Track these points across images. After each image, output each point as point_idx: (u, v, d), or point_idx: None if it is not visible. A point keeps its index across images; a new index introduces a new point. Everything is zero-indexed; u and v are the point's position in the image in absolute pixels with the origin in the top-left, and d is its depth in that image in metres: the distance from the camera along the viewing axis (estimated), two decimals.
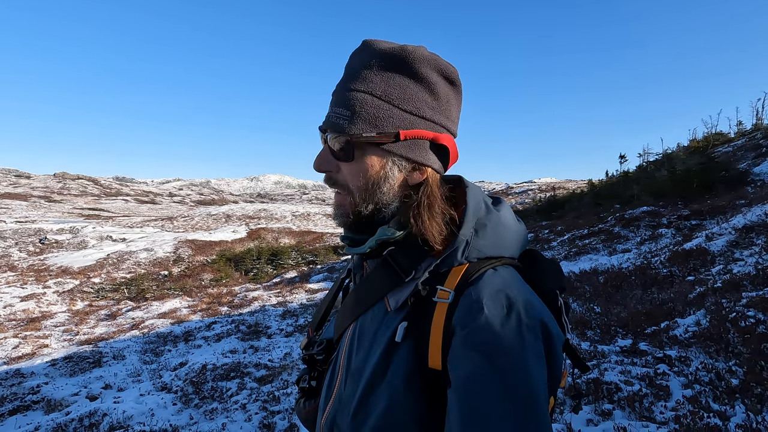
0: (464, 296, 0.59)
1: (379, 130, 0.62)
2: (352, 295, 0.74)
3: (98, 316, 10.47)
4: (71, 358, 6.31)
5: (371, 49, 0.65)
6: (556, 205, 16.95)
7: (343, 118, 0.62)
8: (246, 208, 39.67)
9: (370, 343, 0.65)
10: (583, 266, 7.34)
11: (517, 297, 0.58)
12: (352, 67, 0.65)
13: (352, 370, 0.67)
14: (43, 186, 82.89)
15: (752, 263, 4.90)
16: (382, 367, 0.62)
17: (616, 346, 4.15)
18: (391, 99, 0.62)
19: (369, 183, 0.65)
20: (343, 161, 0.65)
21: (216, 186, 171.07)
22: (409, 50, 0.63)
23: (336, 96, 0.65)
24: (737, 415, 2.75)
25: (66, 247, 21.22)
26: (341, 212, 0.69)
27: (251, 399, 4.47)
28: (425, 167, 0.66)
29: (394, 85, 0.62)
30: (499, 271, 0.62)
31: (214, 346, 6.79)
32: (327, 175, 0.68)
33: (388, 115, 0.62)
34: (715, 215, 7.49)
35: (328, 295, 0.92)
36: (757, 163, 9.98)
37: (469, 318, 0.57)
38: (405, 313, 0.63)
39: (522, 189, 39.76)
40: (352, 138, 0.62)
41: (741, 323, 3.67)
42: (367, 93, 0.62)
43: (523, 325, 0.55)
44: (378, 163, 0.64)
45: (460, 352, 0.56)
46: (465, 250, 0.63)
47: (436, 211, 0.65)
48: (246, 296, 11.14)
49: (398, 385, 0.60)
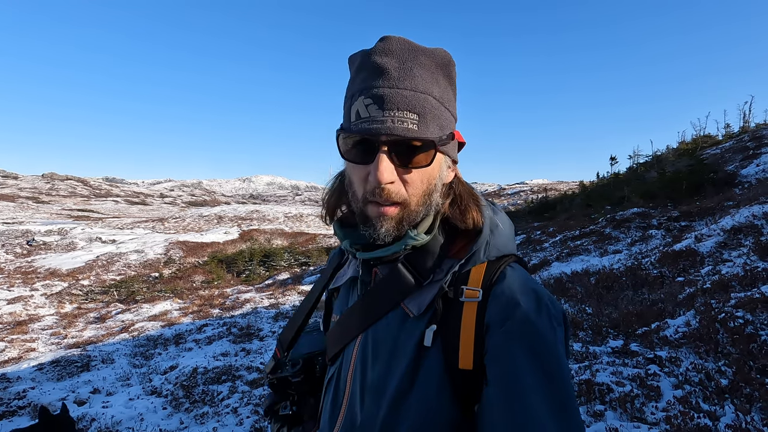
0: (494, 294, 0.60)
1: (445, 131, 0.62)
2: (359, 303, 0.70)
3: (87, 319, 10.32)
4: (59, 362, 6.21)
5: (416, 48, 0.61)
6: (547, 207, 17.05)
7: (411, 121, 0.58)
8: (238, 209, 39.42)
9: (390, 353, 0.63)
10: (575, 267, 7.39)
11: (542, 291, 0.61)
12: (401, 66, 0.59)
13: (369, 386, 0.63)
14: (31, 187, 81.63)
15: (740, 264, 4.96)
16: (410, 377, 0.60)
17: (608, 346, 4.18)
18: (443, 101, 0.63)
19: (431, 186, 0.64)
20: (419, 168, 0.61)
21: (208, 187, 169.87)
22: (449, 54, 0.64)
23: (388, 97, 0.58)
24: (727, 415, 2.78)
25: (54, 248, 20.90)
26: (393, 227, 0.62)
27: (243, 403, 4.43)
28: (455, 164, 0.69)
29: (442, 86, 0.63)
30: (515, 268, 0.65)
31: (206, 349, 6.72)
32: (387, 188, 0.60)
33: (445, 116, 0.63)
34: (704, 216, 7.58)
35: (300, 311, 0.86)
36: (744, 165, 10.12)
37: (506, 313, 0.58)
38: (430, 317, 0.62)
39: (514, 190, 39.99)
40: (428, 142, 0.60)
41: (730, 324, 3.71)
42: (428, 94, 0.60)
43: (552, 316, 0.59)
44: (437, 164, 0.64)
45: (501, 347, 0.56)
46: (486, 249, 0.64)
47: (473, 202, 0.68)
48: (238, 298, 11.05)
49: (430, 392, 0.58)
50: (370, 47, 0.62)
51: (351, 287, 0.76)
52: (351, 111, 0.61)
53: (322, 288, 0.83)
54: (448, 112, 0.63)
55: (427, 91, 0.60)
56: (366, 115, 0.59)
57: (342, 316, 0.72)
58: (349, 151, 0.62)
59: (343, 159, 0.65)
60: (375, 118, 0.58)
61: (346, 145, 0.62)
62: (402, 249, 0.64)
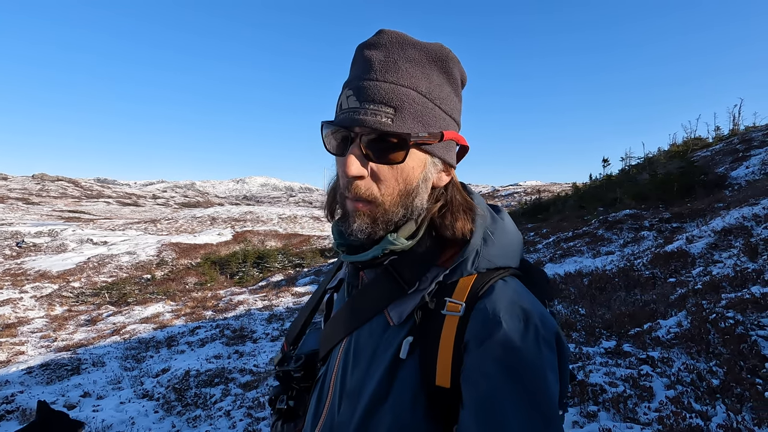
0: (477, 309, 0.56)
1: (429, 129, 0.58)
2: (345, 307, 0.68)
3: (78, 322, 10.20)
4: (48, 366, 6.12)
5: (406, 41, 0.59)
6: (541, 208, 17.16)
7: (385, 114, 0.55)
8: (232, 210, 39.19)
9: (368, 360, 0.60)
10: (568, 268, 7.43)
11: (532, 310, 0.55)
12: (386, 59, 0.58)
13: (348, 391, 0.61)
14: (21, 188, 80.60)
15: (731, 265, 5.01)
16: (385, 387, 0.57)
17: (601, 347, 4.20)
18: (433, 97, 0.59)
19: (409, 187, 0.59)
20: (388, 164, 0.58)
21: (201, 188, 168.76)
22: (446, 49, 0.60)
23: (366, 89, 0.56)
24: (718, 415, 2.80)
25: (44, 250, 20.64)
26: (367, 225, 0.60)
27: (235, 405, 4.39)
28: (452, 168, 0.64)
29: (435, 83, 0.59)
30: (509, 282, 0.59)
31: (198, 352, 6.67)
32: (356, 184, 0.58)
33: (433, 114, 0.59)
34: (695, 218, 7.66)
35: (306, 307, 0.86)
36: (734, 167, 10.26)
37: (485, 332, 0.53)
38: (409, 327, 0.59)
39: (508, 192, 40.21)
40: (401, 137, 0.56)
41: (721, 324, 3.75)
42: (411, 89, 0.57)
43: (541, 338, 0.53)
44: (420, 164, 0.60)
45: (477, 368, 0.52)
46: (475, 260, 0.60)
47: (465, 210, 0.63)
48: (231, 300, 10.98)
49: (403, 406, 0.55)
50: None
51: (343, 289, 0.75)
52: (337, 103, 0.60)
53: (336, 284, 0.82)
54: (439, 110, 0.59)
55: (411, 85, 0.57)
56: (346, 106, 0.57)
57: (331, 318, 0.71)
58: (330, 143, 0.61)
59: (326, 150, 0.63)
60: (352, 110, 0.56)
61: (327, 136, 0.61)
62: (381, 253, 0.61)
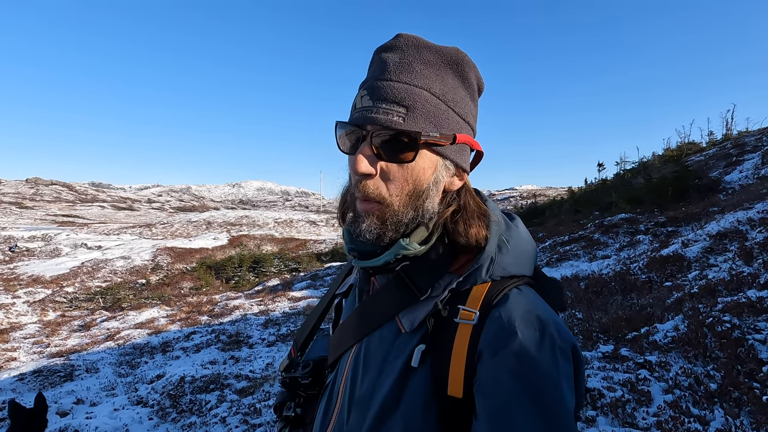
0: (491, 318, 0.55)
1: (441, 130, 0.58)
2: (356, 313, 0.67)
3: (71, 327, 10.08)
4: (41, 372, 6.04)
5: (422, 44, 0.60)
6: (537, 212, 17.20)
7: (397, 113, 0.55)
8: (227, 214, 39.01)
9: (378, 368, 0.59)
10: (565, 272, 7.44)
11: (548, 319, 0.54)
12: (400, 60, 0.58)
13: (357, 399, 0.60)
14: (15, 192, 79.95)
15: (726, 269, 5.03)
16: (395, 396, 0.56)
17: (599, 352, 4.20)
18: (447, 99, 0.59)
19: (419, 188, 0.59)
20: (397, 162, 0.57)
21: (197, 192, 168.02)
22: (462, 53, 0.61)
23: (379, 89, 0.57)
24: (716, 420, 2.80)
25: (38, 255, 20.42)
26: (376, 226, 0.59)
27: (231, 412, 4.35)
28: (465, 173, 0.64)
29: (449, 85, 0.60)
30: (524, 291, 0.59)
31: (193, 357, 6.60)
32: (365, 182, 0.58)
33: (446, 116, 0.59)
34: (690, 222, 7.70)
35: (314, 312, 0.85)
36: (728, 171, 10.34)
37: (500, 342, 0.52)
38: (421, 335, 0.58)
39: (504, 196, 40.37)
40: (412, 136, 0.56)
41: (717, 328, 3.76)
42: (425, 89, 0.57)
43: (557, 348, 0.52)
44: (431, 166, 0.59)
45: (490, 378, 0.51)
46: (490, 267, 0.58)
47: (479, 216, 0.62)
48: (227, 305, 10.90)
49: (414, 415, 0.54)
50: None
51: (354, 295, 0.74)
52: (352, 103, 0.61)
53: (346, 289, 0.81)
54: (452, 112, 0.60)
55: (425, 86, 0.57)
56: (360, 106, 0.58)
57: (341, 324, 0.70)
58: (343, 143, 0.61)
59: (339, 150, 0.64)
60: (365, 108, 0.57)
61: (341, 137, 0.61)
62: (393, 258, 0.60)
